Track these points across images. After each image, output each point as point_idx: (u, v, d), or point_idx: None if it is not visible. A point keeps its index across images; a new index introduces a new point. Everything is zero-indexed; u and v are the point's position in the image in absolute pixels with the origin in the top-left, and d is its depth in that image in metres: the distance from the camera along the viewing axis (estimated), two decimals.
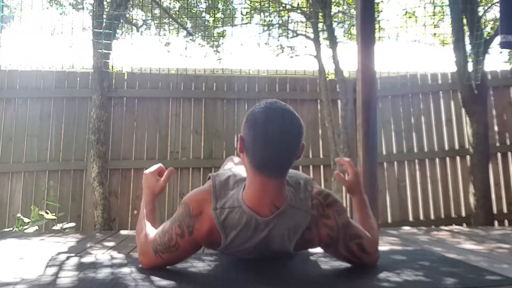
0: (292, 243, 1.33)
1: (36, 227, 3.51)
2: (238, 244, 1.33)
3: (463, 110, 4.48)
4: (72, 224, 3.86)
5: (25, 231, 3.38)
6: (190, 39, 5.73)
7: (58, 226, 3.69)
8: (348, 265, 1.48)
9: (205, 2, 5.92)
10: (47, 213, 3.71)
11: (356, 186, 1.63)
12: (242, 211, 1.28)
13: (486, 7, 5.15)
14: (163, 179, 1.55)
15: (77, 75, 4.50)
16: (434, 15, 5.38)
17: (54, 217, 3.69)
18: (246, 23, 5.56)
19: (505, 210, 4.67)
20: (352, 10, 5.65)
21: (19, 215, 3.76)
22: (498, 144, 4.77)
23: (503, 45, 3.14)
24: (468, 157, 4.45)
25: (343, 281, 1.36)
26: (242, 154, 1.29)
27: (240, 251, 1.37)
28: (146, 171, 1.59)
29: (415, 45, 4.76)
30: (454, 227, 3.67)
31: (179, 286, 1.26)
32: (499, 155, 4.75)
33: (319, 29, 5.10)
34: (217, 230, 1.31)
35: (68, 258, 1.77)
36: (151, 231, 1.44)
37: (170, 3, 5.96)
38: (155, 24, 5.42)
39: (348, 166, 1.65)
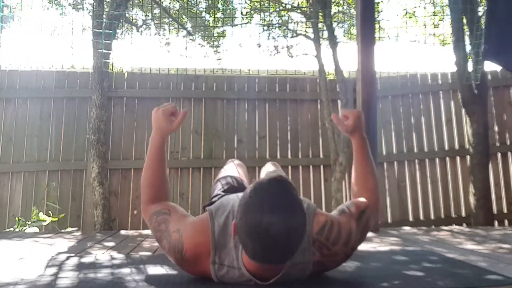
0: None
1: (36, 228, 3.51)
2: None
3: (463, 110, 4.49)
4: (74, 229, 3.87)
5: (25, 231, 3.38)
6: (190, 39, 5.73)
7: (60, 232, 3.69)
8: (348, 265, 1.48)
9: (205, 2, 5.92)
10: (49, 215, 3.71)
11: (356, 128, 1.46)
12: (242, 274, 1.22)
13: (486, 7, 5.15)
14: (177, 121, 1.41)
15: (77, 75, 4.50)
16: (434, 15, 5.38)
17: (55, 219, 3.69)
18: (246, 23, 5.57)
19: (505, 210, 4.67)
20: (352, 10, 5.64)
21: (19, 216, 3.77)
22: (498, 144, 4.77)
23: (484, 56, 3.13)
24: (468, 157, 4.45)
25: (342, 281, 1.36)
26: (236, 237, 1.17)
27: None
28: (157, 109, 1.42)
29: (415, 45, 4.76)
30: (454, 227, 3.67)
31: (180, 285, 1.26)
32: (499, 155, 4.75)
33: (319, 29, 5.10)
34: (210, 275, 1.26)
35: (68, 258, 1.77)
36: (151, 194, 1.41)
37: (170, 3, 5.96)
38: (155, 24, 5.42)
39: (349, 113, 1.47)
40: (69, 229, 3.72)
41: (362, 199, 1.40)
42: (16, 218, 3.60)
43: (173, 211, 1.36)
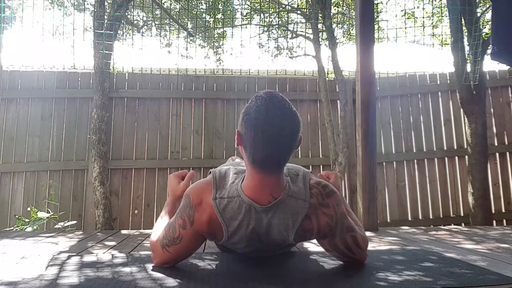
0: (291, 233, 1.35)
1: (37, 227, 3.53)
2: (239, 235, 1.35)
3: (461, 110, 4.50)
4: (73, 222, 3.88)
5: (26, 230, 3.40)
6: (191, 40, 5.75)
7: (59, 225, 3.71)
8: (347, 265, 1.50)
9: (206, 3, 5.94)
10: (48, 212, 3.73)
11: (337, 188, 1.64)
12: (241, 200, 1.31)
13: (484, 8, 5.17)
14: (184, 182, 1.64)
15: (79, 76, 4.52)
16: (432, 16, 5.40)
17: (55, 216, 3.71)
18: (246, 24, 5.58)
19: (503, 210, 4.69)
20: (352, 11, 5.66)
21: (20, 216, 3.78)
22: (496, 144, 4.80)
23: (493, 56, 3.16)
24: (466, 157, 4.47)
25: (342, 281, 1.37)
26: (240, 147, 1.31)
27: (240, 242, 1.40)
28: (171, 174, 1.70)
29: (414, 45, 4.77)
30: (453, 227, 3.68)
31: (180, 285, 1.27)
32: (497, 155, 4.78)
33: (319, 29, 5.12)
34: (217, 220, 1.34)
35: (69, 257, 1.78)
36: (161, 229, 1.49)
37: (170, 4, 5.98)
38: (156, 25, 5.44)
39: (328, 173, 1.77)
40: (68, 223, 3.73)
41: None
42: (17, 217, 3.61)
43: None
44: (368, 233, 2.68)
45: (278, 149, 1.24)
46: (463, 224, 4.45)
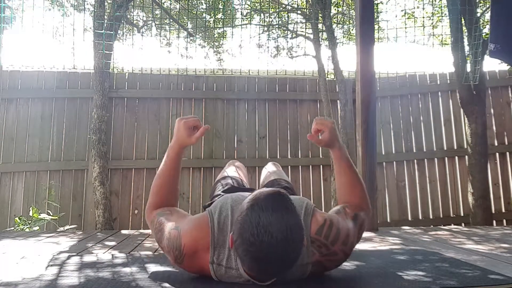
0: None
1: (37, 228, 3.53)
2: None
3: (461, 110, 4.50)
4: (74, 226, 3.89)
5: (25, 230, 3.40)
6: (191, 40, 5.75)
7: (60, 229, 3.71)
8: (347, 264, 1.49)
9: (206, 3, 5.94)
10: (48, 214, 3.73)
11: (333, 140, 1.43)
12: (240, 275, 1.21)
13: (484, 8, 5.17)
14: (196, 135, 1.43)
15: (79, 76, 4.52)
16: (433, 16, 5.40)
17: (56, 217, 3.71)
18: (246, 24, 5.59)
19: (503, 210, 4.69)
20: (352, 11, 5.66)
21: (20, 216, 3.78)
22: (496, 144, 4.80)
23: (492, 54, 3.16)
24: (466, 157, 4.47)
25: (342, 281, 1.38)
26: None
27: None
28: (180, 119, 1.45)
29: (414, 45, 4.77)
30: (453, 227, 3.69)
31: (180, 285, 1.27)
32: (497, 155, 4.78)
33: (319, 30, 5.12)
34: (210, 274, 1.26)
35: (69, 257, 1.78)
36: (156, 201, 1.42)
37: (170, 4, 5.98)
38: (156, 25, 5.44)
39: (321, 125, 1.43)
40: (68, 226, 3.74)
41: (356, 203, 1.42)
42: (16, 219, 3.61)
43: (174, 211, 1.38)
44: (368, 233, 2.69)
45: (276, 273, 1.13)
46: (463, 224, 4.45)
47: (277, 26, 5.87)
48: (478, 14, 4.39)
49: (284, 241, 1.05)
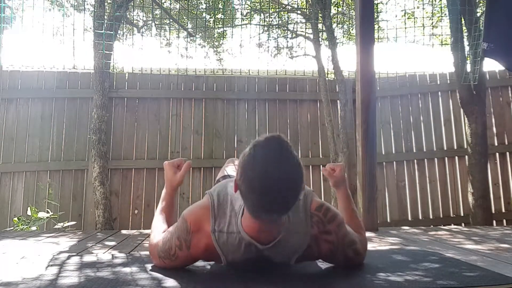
0: (293, 260, 1.35)
1: (37, 227, 3.53)
2: (239, 262, 1.34)
3: (461, 110, 4.50)
4: (73, 223, 3.89)
5: (27, 230, 3.40)
6: (191, 40, 5.75)
7: (59, 225, 3.72)
8: (347, 265, 1.50)
9: (206, 3, 5.94)
10: (48, 213, 3.73)
11: (342, 181, 1.70)
12: (241, 238, 1.27)
13: (484, 8, 5.17)
14: (180, 173, 1.57)
15: (79, 76, 4.52)
16: (432, 16, 5.40)
17: (55, 216, 3.71)
18: (246, 24, 5.58)
19: (503, 210, 4.69)
20: (352, 11, 5.66)
21: (20, 216, 3.78)
22: (496, 144, 4.79)
23: (486, 53, 3.15)
24: (466, 157, 4.47)
25: (342, 281, 1.38)
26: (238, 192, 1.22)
27: (240, 265, 1.38)
28: (166, 162, 1.61)
29: (414, 45, 4.77)
30: (453, 227, 3.69)
31: (179, 285, 1.27)
32: (497, 155, 4.78)
33: (319, 29, 5.12)
34: (215, 249, 1.31)
35: (69, 257, 1.78)
36: (159, 232, 1.48)
37: (170, 4, 5.98)
38: (156, 25, 5.44)
39: (334, 165, 1.73)
40: (67, 223, 3.73)
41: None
42: (15, 219, 3.61)
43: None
44: (368, 233, 2.68)
45: (279, 206, 1.17)
46: (463, 224, 4.45)
47: (277, 26, 5.87)
48: (478, 14, 4.39)
49: (284, 170, 1.14)
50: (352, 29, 5.86)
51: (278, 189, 1.12)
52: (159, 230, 1.49)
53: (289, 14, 6.02)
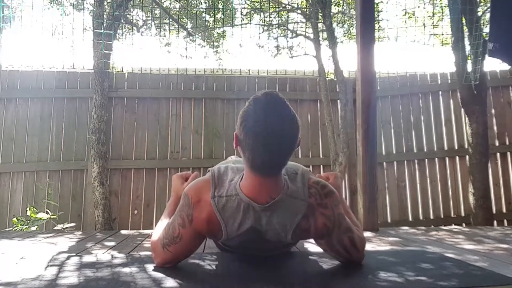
0: (289, 232, 1.35)
1: (36, 227, 3.52)
2: (238, 233, 1.35)
3: (462, 110, 4.50)
4: (72, 224, 3.88)
5: (26, 230, 3.39)
6: (190, 40, 5.75)
7: (58, 227, 3.71)
8: (347, 265, 1.49)
9: (205, 3, 5.93)
10: (47, 213, 3.72)
11: (339, 185, 1.71)
12: (240, 199, 1.31)
13: (485, 8, 5.16)
14: (187, 183, 1.63)
15: (78, 75, 4.51)
16: (433, 16, 5.39)
17: (54, 216, 3.70)
18: (246, 24, 5.58)
19: (504, 210, 4.69)
20: (352, 11, 5.66)
21: (19, 216, 3.77)
22: (497, 144, 4.79)
23: (491, 53, 3.15)
24: (467, 157, 4.47)
25: (342, 281, 1.37)
26: (238, 148, 1.30)
27: (239, 241, 1.39)
28: (174, 175, 1.71)
29: (414, 45, 4.77)
30: (454, 227, 3.67)
31: (180, 285, 1.27)
32: (498, 155, 4.77)
33: (319, 29, 5.11)
34: (216, 218, 1.34)
35: (68, 257, 1.77)
36: (161, 228, 1.50)
37: (170, 4, 5.97)
38: (156, 25, 5.44)
39: (328, 174, 1.76)
40: (67, 225, 3.72)
41: None
42: (14, 220, 3.60)
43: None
44: (368, 234, 2.68)
45: (277, 155, 1.23)
46: (464, 224, 4.45)
47: (277, 25, 5.86)
48: (479, 14, 4.38)
49: (283, 122, 1.21)
50: (352, 29, 5.86)
51: (277, 136, 1.19)
52: (161, 228, 1.50)
53: (289, 13, 6.02)
